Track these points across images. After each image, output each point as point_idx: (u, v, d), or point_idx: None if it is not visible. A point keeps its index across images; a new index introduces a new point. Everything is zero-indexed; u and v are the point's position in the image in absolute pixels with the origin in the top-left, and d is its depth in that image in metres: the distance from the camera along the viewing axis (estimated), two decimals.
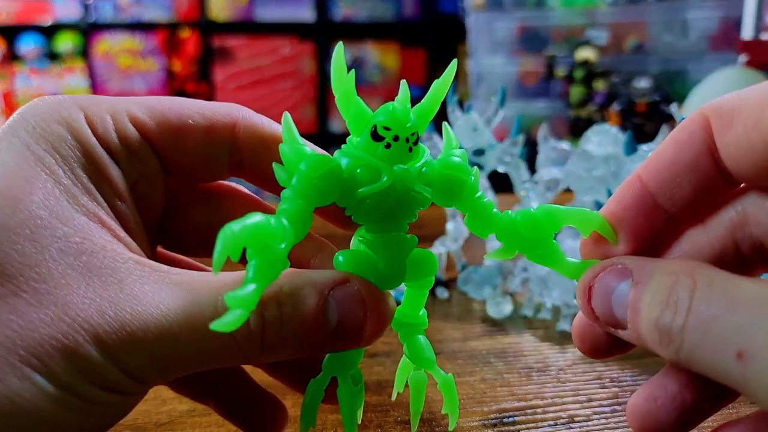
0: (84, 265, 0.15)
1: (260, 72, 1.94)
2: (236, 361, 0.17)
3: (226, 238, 0.14)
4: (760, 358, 0.12)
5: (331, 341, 0.17)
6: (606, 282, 0.16)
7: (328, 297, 0.17)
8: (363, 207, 0.17)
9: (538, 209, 0.18)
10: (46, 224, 0.15)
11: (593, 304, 0.17)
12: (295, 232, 0.16)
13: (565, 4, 1.15)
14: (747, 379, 0.12)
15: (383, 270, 0.18)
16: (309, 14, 1.95)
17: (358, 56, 1.99)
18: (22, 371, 0.14)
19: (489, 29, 1.22)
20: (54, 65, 1.85)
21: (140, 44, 1.88)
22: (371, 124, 0.17)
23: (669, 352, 0.14)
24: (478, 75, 1.23)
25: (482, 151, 0.38)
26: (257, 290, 0.15)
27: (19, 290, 0.14)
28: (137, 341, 0.15)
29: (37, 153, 0.16)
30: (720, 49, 1.01)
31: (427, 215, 0.20)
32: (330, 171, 0.17)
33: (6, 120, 0.18)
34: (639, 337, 0.15)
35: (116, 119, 0.18)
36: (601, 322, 0.17)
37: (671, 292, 0.14)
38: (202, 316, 0.16)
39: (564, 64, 1.07)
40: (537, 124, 0.47)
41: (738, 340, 0.13)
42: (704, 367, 0.14)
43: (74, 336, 0.14)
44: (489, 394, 0.26)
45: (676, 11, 1.06)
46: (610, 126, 0.39)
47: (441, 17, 2.00)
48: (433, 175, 0.18)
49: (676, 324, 0.14)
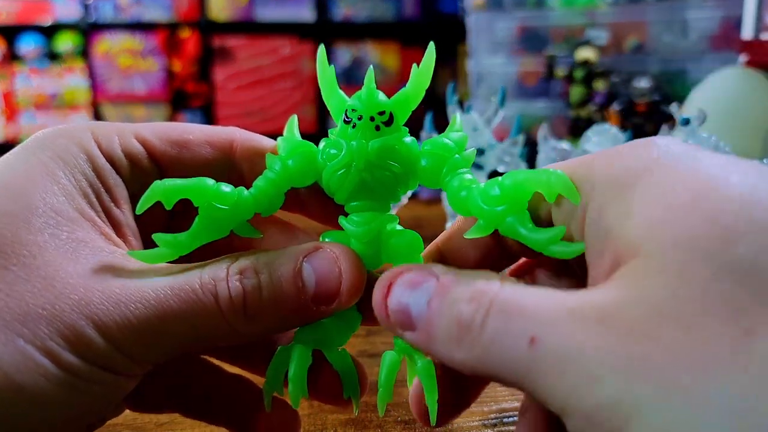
0: (73, 249, 0.16)
1: (260, 72, 1.94)
2: (224, 336, 0.17)
3: (157, 184, 0.18)
4: (548, 342, 0.13)
5: (314, 306, 0.18)
6: (409, 279, 0.16)
7: (302, 262, 0.18)
8: (333, 184, 0.19)
9: (506, 178, 0.17)
10: (41, 213, 0.16)
11: (389, 299, 0.16)
12: (256, 204, 0.18)
13: (565, 4, 1.15)
14: (534, 363, 0.13)
15: (355, 247, 0.19)
16: (309, 14, 1.95)
17: (358, 56, 1.99)
18: (7, 337, 0.14)
19: (489, 29, 1.22)
20: (54, 65, 1.84)
21: (140, 44, 1.88)
22: (344, 109, 0.19)
23: (462, 351, 0.14)
24: (478, 75, 1.23)
25: (482, 151, 0.38)
26: (189, 239, 0.18)
27: (9, 264, 0.15)
28: (125, 312, 0.16)
29: (42, 159, 0.18)
30: (720, 49, 1.01)
31: (427, 215, 0.20)
32: (303, 153, 0.19)
33: (5, 121, 0.20)
34: (429, 337, 0.15)
35: (122, 136, 0.19)
36: (390, 321, 0.16)
37: (475, 291, 0.14)
38: (188, 288, 0.17)
39: (564, 64, 1.07)
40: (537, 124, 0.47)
41: (531, 327, 0.13)
42: (494, 361, 0.14)
43: (61, 306, 0.15)
44: (489, 394, 0.26)
45: (676, 11, 1.06)
46: (610, 126, 0.39)
47: (441, 17, 2.00)
48: (413, 154, 0.18)
49: (478, 317, 0.14)
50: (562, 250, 0.16)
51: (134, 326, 0.16)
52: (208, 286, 0.17)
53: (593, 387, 0.12)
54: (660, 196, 0.13)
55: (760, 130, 0.70)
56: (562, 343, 0.13)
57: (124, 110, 1.91)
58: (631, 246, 0.13)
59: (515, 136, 0.38)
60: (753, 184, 0.13)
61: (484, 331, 0.14)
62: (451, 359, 0.15)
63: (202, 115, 1.94)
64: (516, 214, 0.17)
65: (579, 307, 0.13)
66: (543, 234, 0.16)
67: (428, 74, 0.19)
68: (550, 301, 0.13)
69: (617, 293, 0.13)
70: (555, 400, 0.13)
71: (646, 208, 0.13)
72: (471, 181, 0.18)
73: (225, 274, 0.17)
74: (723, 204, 0.12)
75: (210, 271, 0.17)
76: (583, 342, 0.12)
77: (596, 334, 0.12)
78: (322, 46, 0.19)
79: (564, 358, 0.12)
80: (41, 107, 1.85)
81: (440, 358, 0.15)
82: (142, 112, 1.91)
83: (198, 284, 0.17)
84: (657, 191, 0.14)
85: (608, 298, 0.13)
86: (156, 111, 1.92)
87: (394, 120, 0.18)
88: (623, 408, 0.11)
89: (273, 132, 0.19)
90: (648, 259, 0.13)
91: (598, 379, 0.12)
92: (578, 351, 0.12)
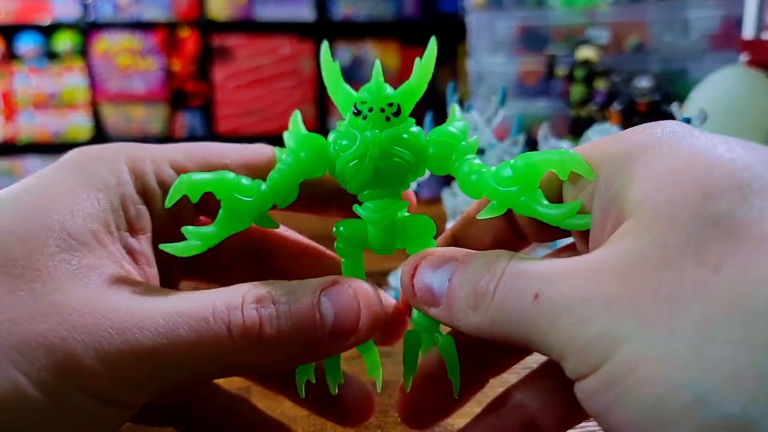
0: (83, 275, 0.16)
1: (260, 71, 1.94)
2: (235, 367, 0.17)
3: (183, 177, 0.18)
4: (549, 296, 0.14)
5: (330, 340, 0.17)
6: (432, 261, 0.18)
7: (320, 296, 0.17)
8: (347, 174, 0.19)
9: (518, 159, 0.18)
10: (55, 235, 0.16)
11: (416, 280, 0.18)
12: (274, 195, 0.19)
13: (565, 3, 1.15)
14: (537, 315, 0.15)
15: (371, 234, 0.20)
16: (309, 13, 1.95)
17: (358, 55, 1.99)
18: (0, 365, 0.14)
19: (489, 28, 1.22)
20: (53, 64, 1.84)
21: (139, 43, 1.88)
22: (353, 102, 0.19)
23: (477, 315, 0.16)
24: (479, 74, 1.23)
25: (483, 150, 0.38)
26: (216, 229, 0.18)
27: (18, 288, 0.15)
28: (129, 339, 0.15)
29: (67, 179, 0.18)
30: (721, 48, 1.01)
31: (427, 215, 0.20)
32: (314, 145, 0.20)
33: (4, 120, 0.20)
34: (450, 310, 0.17)
35: (156, 164, 0.19)
36: (417, 298, 0.18)
37: (490, 264, 0.16)
38: (199, 316, 0.16)
39: (564, 63, 1.07)
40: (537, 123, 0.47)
41: (535, 285, 0.15)
42: (504, 319, 0.16)
43: (62, 334, 0.15)
44: (489, 394, 0.26)
45: (676, 10, 1.06)
46: (610, 125, 0.39)
47: (441, 16, 2.00)
48: (421, 142, 0.19)
49: (492, 284, 0.16)
50: (577, 222, 0.17)
51: (138, 353, 0.15)
52: (221, 315, 0.16)
53: (584, 326, 0.14)
54: (658, 166, 0.15)
55: (761, 129, 0.69)
56: (560, 295, 0.14)
57: (123, 110, 1.90)
58: (629, 209, 0.15)
59: (516, 136, 0.38)
60: (736, 152, 0.14)
61: (496, 294, 0.16)
62: (468, 325, 0.17)
63: (201, 114, 1.94)
64: (529, 193, 0.18)
65: (576, 266, 0.15)
66: (559, 209, 0.17)
67: (431, 66, 0.20)
68: (552, 265, 0.15)
69: (610, 249, 0.15)
70: (555, 347, 0.14)
71: (644, 177, 0.15)
72: (480, 166, 0.19)
73: (240, 303, 0.16)
74: (709, 168, 0.14)
75: (224, 299, 0.16)
76: (577, 292, 0.14)
77: (588, 284, 0.14)
78: (325, 43, 0.20)
79: (561, 307, 0.14)
80: (40, 107, 1.85)
81: (459, 327, 0.17)
82: (141, 112, 1.91)
83: (210, 312, 0.16)
84: (656, 162, 0.15)
85: (602, 254, 0.15)
86: (155, 110, 1.92)
87: (402, 111, 0.19)
88: (610, 339, 0.13)
89: (273, 131, 0.20)
90: (640, 218, 0.14)
91: (589, 320, 0.14)
92: (573, 299, 0.14)
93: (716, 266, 0.13)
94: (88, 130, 1.88)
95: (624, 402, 0.13)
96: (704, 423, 0.12)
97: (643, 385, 0.12)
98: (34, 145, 1.86)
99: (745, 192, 0.13)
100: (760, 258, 0.12)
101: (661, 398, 0.12)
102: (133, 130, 1.91)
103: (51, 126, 1.86)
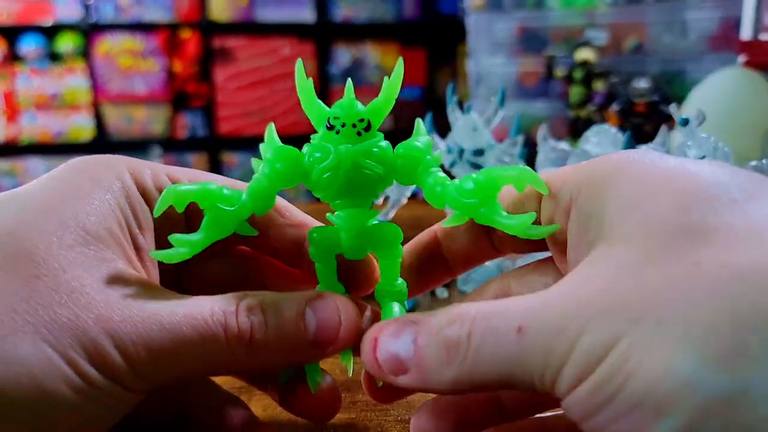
0: (98, 267, 0.18)
1: (260, 72, 1.94)
2: (226, 366, 0.19)
3: (169, 189, 0.19)
4: (537, 325, 0.15)
5: (311, 348, 0.19)
6: (392, 330, 0.18)
7: (305, 307, 0.19)
8: (321, 184, 0.20)
9: (480, 174, 0.20)
10: (72, 230, 0.18)
11: (378, 352, 0.18)
12: (253, 204, 0.20)
13: (564, 4, 1.15)
14: (526, 348, 0.15)
15: (344, 241, 0.21)
16: (309, 15, 1.95)
17: (358, 57, 1.99)
18: (36, 342, 0.15)
19: (488, 30, 1.22)
20: (55, 66, 1.85)
21: (141, 45, 1.88)
22: (326, 117, 0.20)
23: (452, 369, 0.16)
24: (478, 75, 1.23)
25: (482, 151, 0.38)
26: (201, 237, 0.20)
27: (41, 274, 0.16)
28: (142, 333, 0.17)
29: (78, 181, 0.19)
30: (719, 49, 1.02)
31: (426, 215, 0.21)
32: (289, 156, 0.21)
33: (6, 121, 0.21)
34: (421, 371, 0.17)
35: (154, 172, 0.21)
36: (383, 370, 0.18)
37: (456, 314, 0.16)
38: (200, 317, 0.18)
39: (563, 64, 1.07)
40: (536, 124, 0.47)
41: (516, 319, 0.15)
42: (485, 363, 0.15)
43: (84, 318, 0.16)
44: None
45: (675, 12, 1.06)
46: (609, 126, 0.40)
47: (441, 18, 2.00)
48: (389, 155, 0.21)
49: (464, 333, 0.16)
50: (536, 232, 0.19)
51: (149, 347, 0.17)
52: (219, 317, 0.18)
53: (580, 339, 0.14)
54: (632, 186, 0.16)
55: (759, 130, 0.70)
56: (548, 320, 0.14)
57: (125, 111, 1.91)
58: (607, 227, 0.16)
59: (514, 137, 0.38)
60: (705, 170, 0.16)
61: (471, 341, 0.15)
62: (443, 383, 0.16)
63: (202, 115, 1.95)
64: (488, 205, 0.19)
65: (559, 290, 0.15)
66: (516, 219, 0.19)
67: (397, 85, 0.21)
68: (530, 297, 0.16)
69: (593, 265, 0.15)
70: (547, 372, 0.14)
71: (620, 197, 0.16)
72: (444, 178, 0.21)
73: (235, 309, 0.18)
74: (682, 186, 0.15)
75: (221, 304, 0.18)
76: (566, 312, 0.14)
77: (576, 301, 0.14)
78: (299, 61, 0.21)
79: (553, 330, 0.14)
80: (42, 108, 1.85)
81: (433, 388, 0.17)
82: (143, 113, 1.92)
83: (210, 314, 0.18)
84: (630, 183, 0.16)
85: (585, 272, 0.15)
86: (157, 111, 1.93)
87: (371, 126, 0.20)
88: (604, 343, 0.13)
89: None
90: (621, 235, 0.15)
91: (583, 332, 0.14)
92: (563, 319, 0.14)
93: (696, 263, 0.14)
94: (90, 130, 1.88)
95: (617, 397, 0.13)
96: (698, 401, 0.12)
97: (635, 374, 0.13)
98: (36, 146, 1.87)
99: (715, 205, 0.14)
100: (734, 251, 0.13)
101: (653, 383, 0.12)
102: (134, 131, 1.92)
103: (53, 127, 1.86)
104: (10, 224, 0.17)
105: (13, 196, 0.19)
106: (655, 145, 0.34)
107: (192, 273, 0.23)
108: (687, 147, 0.30)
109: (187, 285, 0.23)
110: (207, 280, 0.23)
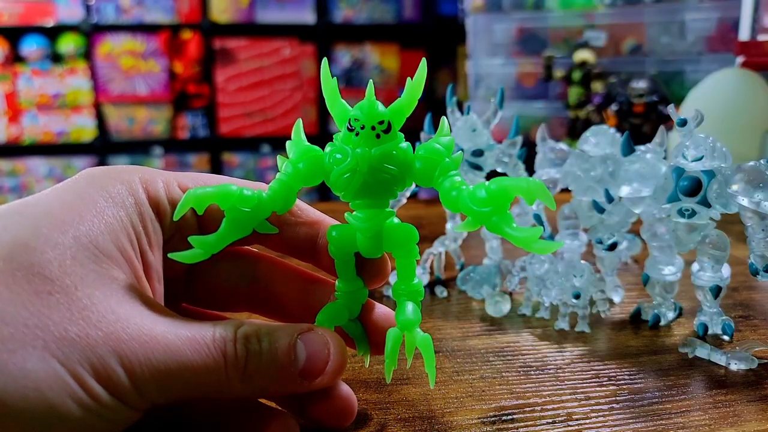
0: (108, 285, 0.18)
1: (261, 73, 1.94)
2: (220, 390, 0.19)
3: (189, 192, 0.20)
4: None
5: (299, 379, 0.20)
6: None
7: (297, 339, 0.20)
8: (340, 184, 0.21)
9: (492, 183, 0.20)
10: (85, 247, 0.18)
11: None
12: (273, 203, 0.21)
13: (563, 5, 1.15)
14: None
15: (360, 241, 0.22)
16: (310, 16, 1.95)
17: (358, 58, 1.99)
18: (45, 358, 0.16)
19: (488, 31, 1.23)
20: (56, 67, 1.85)
21: (142, 46, 1.89)
22: (347, 118, 0.21)
23: None
24: (477, 76, 1.24)
25: (481, 151, 0.38)
26: (218, 237, 0.20)
27: (54, 290, 0.17)
28: (147, 354, 0.17)
29: (92, 195, 0.19)
30: (717, 50, 1.02)
31: (427, 215, 0.21)
32: (311, 157, 0.21)
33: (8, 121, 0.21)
34: None
35: (167, 183, 0.21)
36: None
37: None
38: (202, 341, 0.18)
39: (562, 65, 1.07)
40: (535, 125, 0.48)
41: None
42: None
43: (93, 336, 0.17)
44: (488, 392, 0.27)
45: (673, 13, 1.06)
46: (607, 127, 0.40)
47: (440, 19, 2.00)
48: (408, 157, 0.21)
49: None
50: (542, 247, 0.19)
51: (153, 367, 0.17)
52: (219, 343, 0.19)
53: None
54: None
55: (757, 130, 0.70)
56: None
57: (127, 111, 1.91)
58: None
59: (513, 137, 0.39)
60: None
61: None
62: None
63: (203, 115, 1.95)
64: (500, 214, 0.19)
65: None
66: (524, 233, 0.19)
67: (420, 86, 0.21)
68: None
69: None
70: None
71: None
72: (461, 183, 0.21)
73: (233, 336, 0.19)
74: None
75: (221, 331, 0.19)
76: None
77: None
78: (325, 60, 0.21)
79: None
80: (44, 108, 1.86)
81: None
82: (144, 113, 1.92)
83: (211, 339, 0.19)
84: None
85: None
86: (158, 112, 1.93)
87: (392, 128, 0.21)
88: None
89: (274, 133, 0.21)
90: None
91: None
92: None
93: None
94: (92, 131, 1.89)
95: None
96: None
97: None
98: (38, 146, 1.87)
99: None
100: None
101: None
102: (136, 132, 1.92)
103: (55, 127, 1.87)
104: (25, 235, 0.17)
105: (28, 205, 0.19)
106: (653, 145, 0.35)
107: (200, 279, 0.23)
108: (685, 147, 0.31)
109: (197, 291, 0.24)
110: (216, 285, 0.24)
